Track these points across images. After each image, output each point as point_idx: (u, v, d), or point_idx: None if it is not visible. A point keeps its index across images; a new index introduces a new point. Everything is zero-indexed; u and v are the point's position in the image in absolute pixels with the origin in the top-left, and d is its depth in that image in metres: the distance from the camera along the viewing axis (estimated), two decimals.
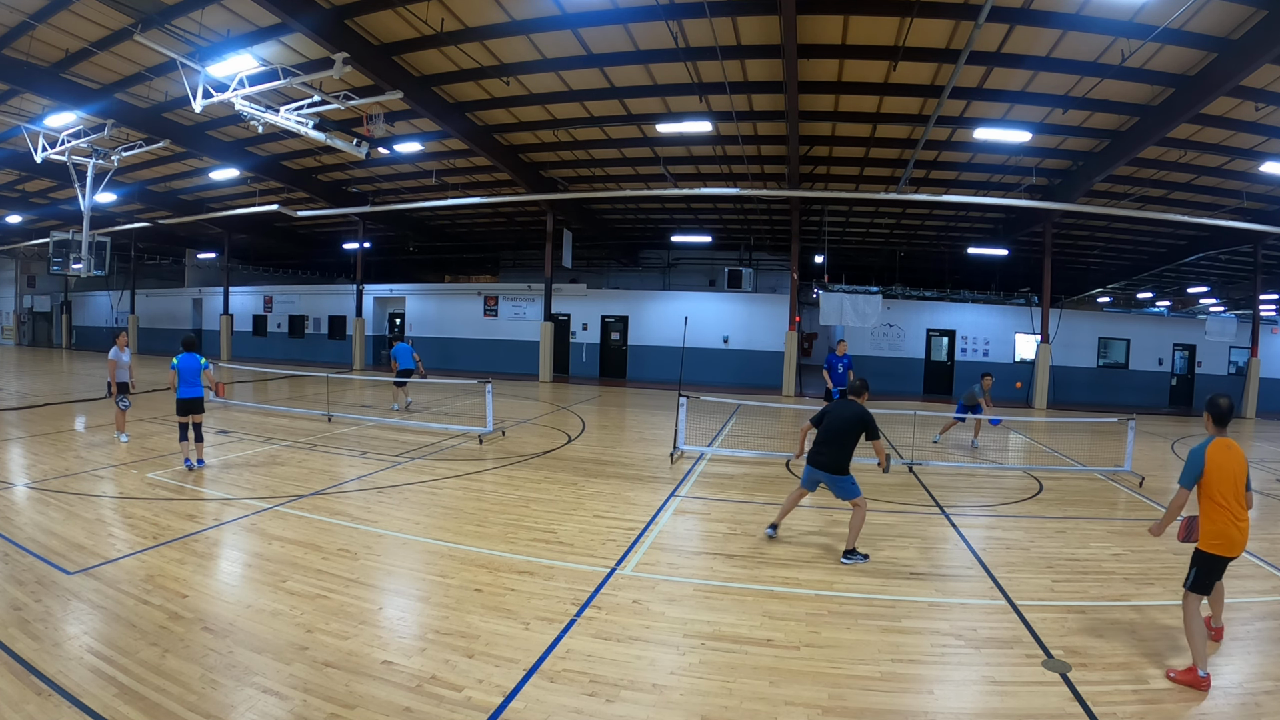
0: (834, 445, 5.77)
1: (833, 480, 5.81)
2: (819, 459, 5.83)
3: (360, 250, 25.63)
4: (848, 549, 5.72)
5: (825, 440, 5.83)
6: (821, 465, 5.81)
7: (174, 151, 19.15)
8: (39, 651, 3.69)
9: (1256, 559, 6.12)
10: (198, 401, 8.30)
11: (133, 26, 11.44)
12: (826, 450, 5.79)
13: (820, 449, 5.84)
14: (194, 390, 8.28)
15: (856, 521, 5.73)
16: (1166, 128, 13.32)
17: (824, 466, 5.80)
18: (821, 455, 5.81)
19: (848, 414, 5.80)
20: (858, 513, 5.74)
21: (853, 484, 5.80)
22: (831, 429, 5.81)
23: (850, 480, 5.80)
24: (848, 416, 5.78)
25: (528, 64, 13.72)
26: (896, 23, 11.39)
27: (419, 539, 5.97)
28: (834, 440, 5.77)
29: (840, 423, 5.78)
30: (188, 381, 8.27)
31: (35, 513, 6.23)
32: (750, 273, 24.98)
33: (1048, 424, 16.35)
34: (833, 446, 5.77)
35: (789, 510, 6.28)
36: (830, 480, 5.83)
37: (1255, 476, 10.41)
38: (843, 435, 5.76)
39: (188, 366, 8.31)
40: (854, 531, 5.74)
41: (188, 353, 8.41)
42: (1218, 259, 25.32)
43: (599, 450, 10.61)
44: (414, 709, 3.35)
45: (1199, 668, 3.78)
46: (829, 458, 5.77)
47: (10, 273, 35.62)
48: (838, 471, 5.77)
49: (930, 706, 3.56)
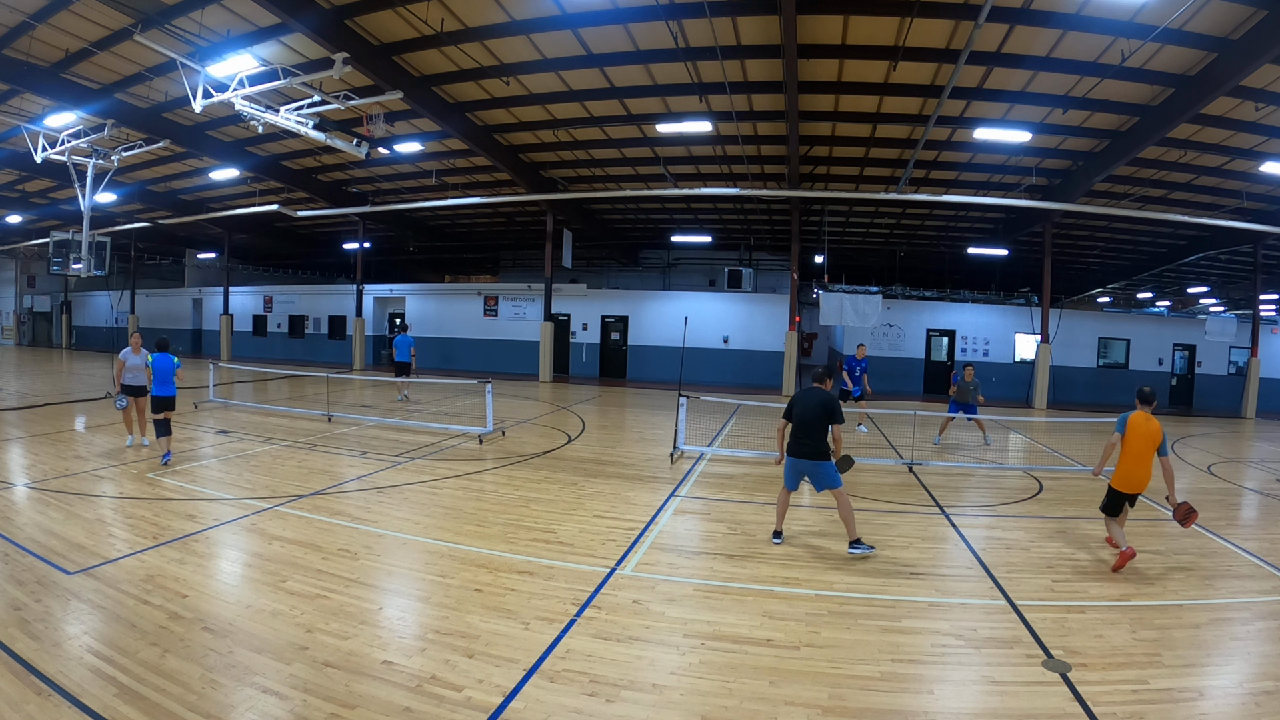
0: (811, 434, 5.88)
1: (815, 468, 5.89)
2: (801, 449, 5.91)
3: (360, 250, 25.63)
4: (852, 540, 5.84)
5: (802, 430, 5.92)
6: (805, 455, 5.88)
7: (174, 151, 19.15)
8: (39, 651, 3.69)
9: (1256, 559, 6.13)
10: (170, 400, 8.71)
11: (133, 26, 11.44)
12: (806, 440, 5.89)
13: (800, 440, 5.93)
14: (167, 389, 8.66)
15: (845, 511, 5.87)
16: (1166, 128, 13.31)
17: (807, 455, 5.88)
18: (803, 445, 5.90)
19: (814, 401, 5.92)
20: (842, 502, 5.88)
21: (835, 471, 5.92)
22: (804, 418, 5.91)
23: (832, 467, 5.91)
24: (815, 404, 5.91)
25: (528, 64, 13.72)
26: (896, 23, 11.39)
27: (419, 539, 5.97)
28: (809, 429, 5.89)
29: (809, 411, 5.90)
30: (163, 380, 8.61)
31: (35, 513, 6.23)
32: (750, 273, 25.00)
33: (1048, 424, 16.35)
34: (811, 435, 5.88)
35: (784, 514, 6.31)
36: (813, 469, 5.90)
37: (1255, 476, 10.50)
38: (816, 423, 5.88)
39: (163, 366, 8.63)
40: (849, 521, 5.87)
41: (162, 353, 8.72)
42: (1218, 259, 25.33)
43: (599, 450, 10.62)
44: (414, 709, 3.35)
45: (1120, 545, 5.71)
46: (810, 446, 5.88)
47: (10, 273, 35.62)
48: (820, 458, 5.87)
49: (930, 706, 3.56)
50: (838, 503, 5.91)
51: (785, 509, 6.29)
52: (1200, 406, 22.23)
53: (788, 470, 6.06)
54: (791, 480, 6.08)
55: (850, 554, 5.79)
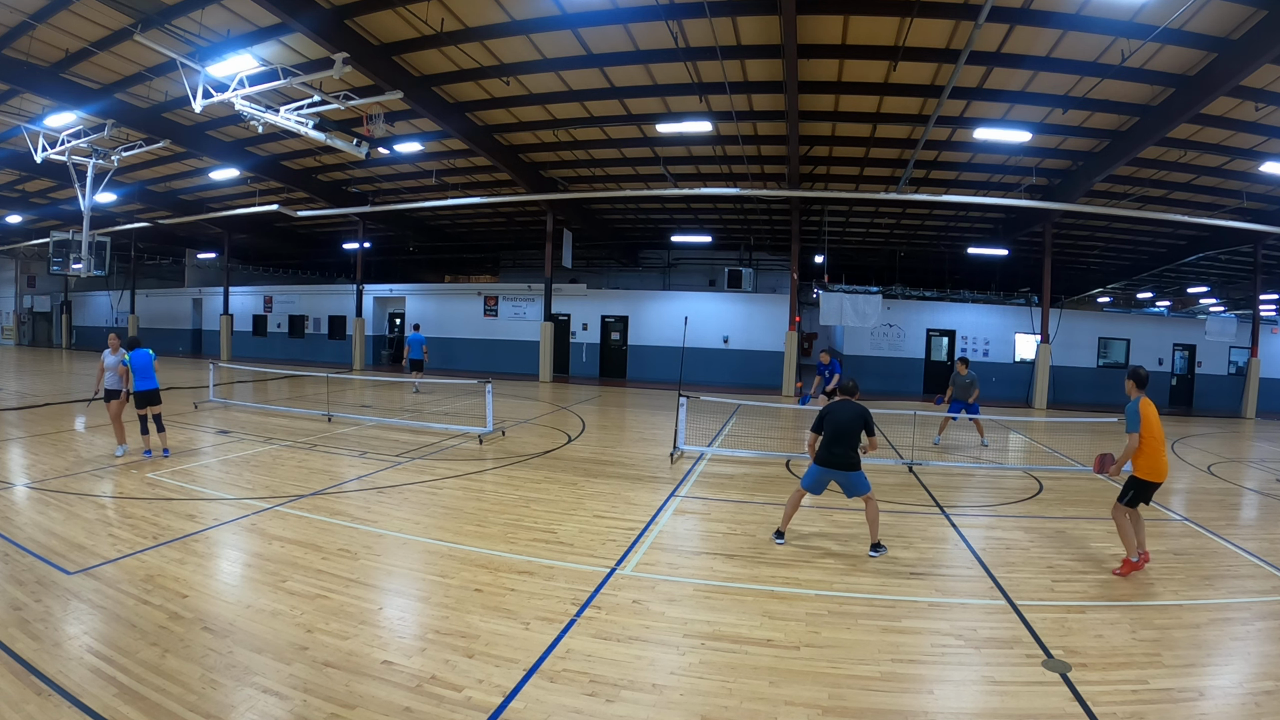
0: (845, 444, 5.95)
1: (848, 478, 5.96)
2: (835, 460, 5.95)
3: (360, 250, 25.63)
4: (875, 542, 5.97)
5: (836, 440, 5.96)
6: (839, 465, 5.94)
7: (174, 151, 19.16)
8: (39, 651, 3.69)
9: (1256, 559, 6.12)
10: (154, 393, 8.80)
11: (133, 26, 11.44)
12: (840, 450, 5.95)
13: (833, 450, 5.96)
14: (149, 383, 8.71)
15: (873, 515, 6.00)
16: (1166, 128, 13.32)
17: (842, 466, 5.94)
18: (836, 456, 5.95)
19: (850, 413, 6.00)
20: (872, 506, 6.00)
21: (865, 478, 6.00)
22: (840, 428, 5.97)
23: (863, 475, 6.00)
24: (851, 416, 5.99)
25: (528, 64, 13.72)
26: (896, 23, 11.39)
27: (419, 539, 5.97)
28: (844, 439, 5.95)
29: (848, 423, 5.98)
30: (142, 375, 8.67)
31: (35, 513, 6.23)
32: (750, 273, 24.99)
33: (1048, 424, 16.35)
34: (844, 445, 5.95)
35: (793, 515, 6.32)
36: (845, 478, 5.97)
37: (1255, 476, 10.50)
38: (852, 434, 5.97)
39: (140, 362, 8.68)
40: (875, 525, 6.00)
41: (137, 349, 8.82)
42: (1218, 259, 25.32)
43: (599, 450, 10.61)
44: (414, 709, 3.35)
45: (1131, 555, 5.49)
46: (844, 457, 5.95)
47: (10, 273, 35.62)
48: (854, 468, 5.95)
49: (930, 706, 3.56)
50: (867, 507, 6.02)
51: (795, 510, 6.32)
52: (1200, 406, 22.22)
53: (816, 477, 6.09)
54: (818, 486, 6.12)
55: (871, 556, 5.86)
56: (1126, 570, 5.46)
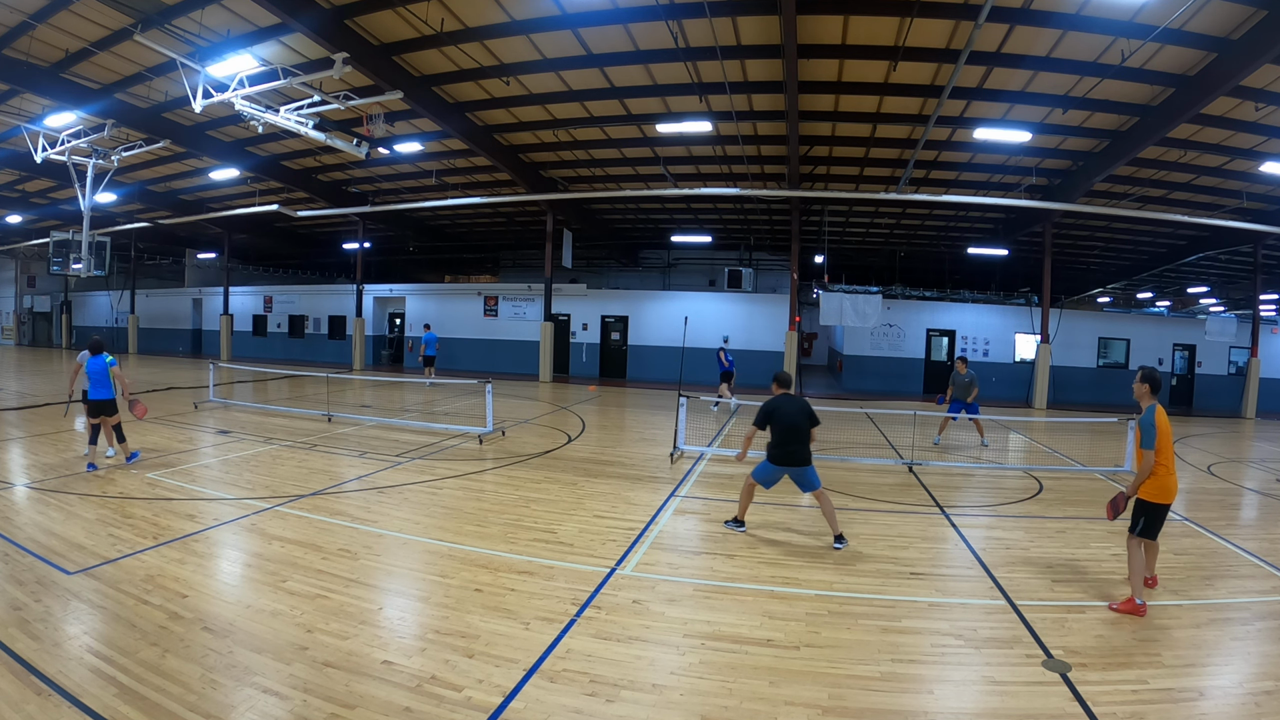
0: (798, 439, 6.02)
1: (802, 473, 6.03)
2: (793, 457, 6.01)
3: (360, 250, 25.63)
4: (837, 534, 6.04)
5: (793, 437, 6.00)
6: (797, 462, 6.00)
7: (174, 151, 19.15)
8: (39, 651, 3.69)
9: (1256, 559, 6.12)
10: (108, 404, 8.06)
11: (133, 26, 11.44)
12: (795, 447, 6.00)
13: (789, 448, 6.01)
14: (103, 392, 8.04)
15: (829, 508, 6.10)
16: (1166, 128, 13.31)
17: (799, 462, 6.00)
18: (794, 454, 6.01)
19: (797, 407, 6.08)
20: (825, 500, 6.11)
21: (816, 473, 6.11)
22: (793, 424, 6.00)
23: (814, 469, 6.11)
24: (799, 409, 6.06)
25: (528, 64, 13.72)
26: (896, 23, 11.39)
27: (419, 539, 5.97)
28: (800, 434, 6.01)
29: (798, 417, 6.03)
30: (96, 383, 8.05)
31: (35, 513, 6.23)
32: (750, 273, 24.96)
33: (1048, 424, 16.35)
34: (798, 441, 6.02)
35: (748, 503, 6.47)
36: (800, 474, 6.04)
37: (1255, 476, 10.50)
38: (806, 429, 6.04)
39: (94, 369, 8.07)
40: (833, 518, 6.09)
41: (95, 354, 8.16)
42: (1218, 259, 25.31)
43: (599, 450, 10.61)
44: (414, 709, 3.35)
45: (1136, 597, 4.72)
46: (800, 454, 6.01)
47: (10, 273, 35.62)
48: (809, 463, 6.05)
49: (930, 706, 3.56)
50: (821, 502, 6.12)
51: (750, 500, 6.48)
52: (1200, 406, 22.21)
53: (770, 475, 6.17)
54: (770, 483, 6.25)
55: (835, 549, 5.95)
56: (1125, 609, 4.70)
